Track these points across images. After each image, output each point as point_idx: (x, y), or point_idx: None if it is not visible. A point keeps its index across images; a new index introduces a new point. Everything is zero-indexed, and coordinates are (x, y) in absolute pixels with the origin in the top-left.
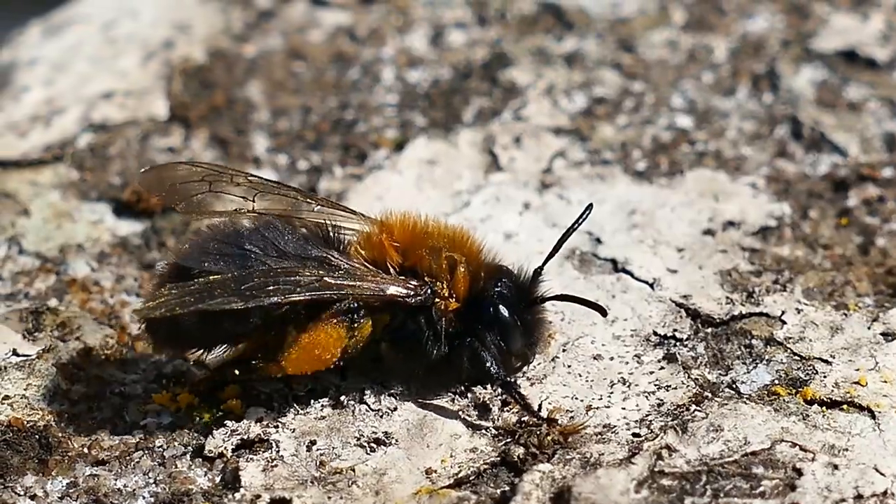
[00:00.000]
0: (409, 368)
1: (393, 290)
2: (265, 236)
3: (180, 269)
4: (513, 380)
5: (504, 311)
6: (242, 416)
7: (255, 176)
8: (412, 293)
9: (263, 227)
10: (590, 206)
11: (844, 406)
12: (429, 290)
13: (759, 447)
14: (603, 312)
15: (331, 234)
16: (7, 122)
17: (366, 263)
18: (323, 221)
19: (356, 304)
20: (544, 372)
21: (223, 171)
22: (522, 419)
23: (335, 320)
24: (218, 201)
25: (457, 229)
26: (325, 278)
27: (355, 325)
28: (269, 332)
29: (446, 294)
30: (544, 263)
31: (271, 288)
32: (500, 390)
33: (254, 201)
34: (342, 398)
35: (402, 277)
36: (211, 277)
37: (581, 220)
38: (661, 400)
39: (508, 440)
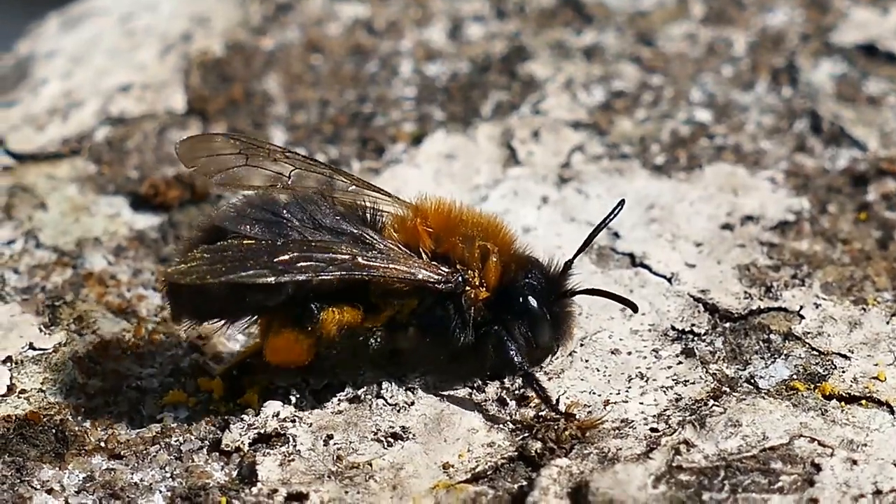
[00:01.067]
0: (433, 355)
1: (424, 274)
2: (303, 207)
3: (215, 230)
4: (534, 372)
5: (534, 302)
6: (259, 411)
7: (292, 151)
8: (443, 279)
9: (301, 199)
10: (622, 202)
11: (863, 401)
12: (460, 278)
13: (778, 442)
14: (635, 308)
15: (366, 213)
16: (25, 115)
17: (399, 245)
18: (359, 200)
19: (308, 306)
20: (562, 366)
21: (260, 145)
22: (540, 414)
23: (287, 324)
24: (254, 175)
25: (490, 218)
26: (359, 258)
27: (308, 325)
28: (295, 309)
29: (477, 283)
30: (575, 257)
31: (303, 264)
32: (520, 381)
33: (290, 178)
34: (359, 392)
35: (434, 263)
36: (244, 242)
37: (613, 215)
38: (679, 395)
39: (526, 435)
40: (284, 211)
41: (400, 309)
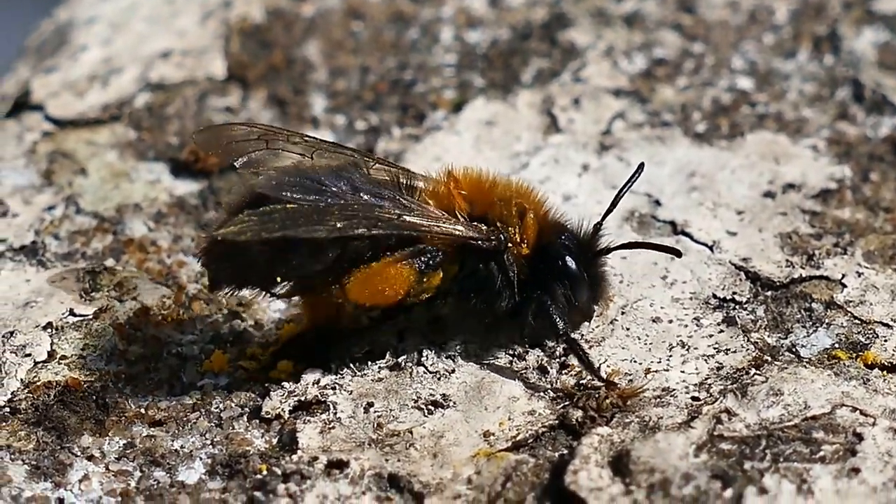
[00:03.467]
0: (476, 318)
1: (469, 233)
2: (340, 175)
3: (256, 196)
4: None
5: (571, 262)
6: (300, 378)
7: (312, 137)
8: (485, 237)
9: (337, 168)
10: (641, 165)
11: None
12: (502, 235)
13: (820, 411)
14: (677, 253)
15: (400, 183)
16: (65, 82)
17: (437, 210)
18: (389, 175)
19: (433, 250)
20: (603, 334)
21: (279, 131)
22: (581, 382)
23: (410, 260)
24: (276, 159)
25: (520, 183)
26: (405, 217)
27: (428, 269)
28: (336, 273)
29: (518, 240)
30: (603, 218)
31: (354, 221)
32: (563, 347)
33: (312, 159)
34: (400, 360)
35: (475, 223)
36: (288, 206)
37: (633, 178)
38: (721, 363)
39: (567, 403)
40: (323, 177)
41: (441, 275)
